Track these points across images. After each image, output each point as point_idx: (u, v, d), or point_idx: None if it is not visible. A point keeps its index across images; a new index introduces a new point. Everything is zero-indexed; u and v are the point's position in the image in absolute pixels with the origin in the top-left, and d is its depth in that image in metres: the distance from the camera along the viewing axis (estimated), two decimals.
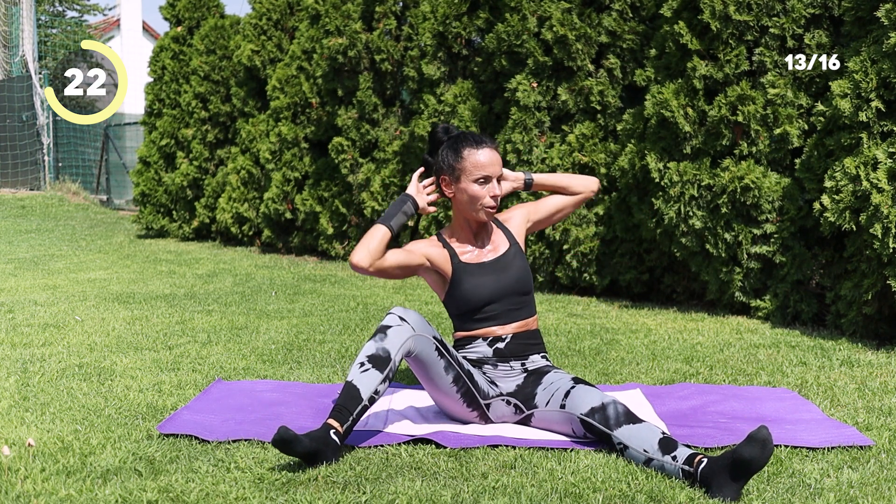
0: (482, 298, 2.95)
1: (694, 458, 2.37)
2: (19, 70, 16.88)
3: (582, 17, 6.06)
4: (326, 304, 5.58)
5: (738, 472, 2.24)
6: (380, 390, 2.65)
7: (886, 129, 4.39)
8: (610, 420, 2.60)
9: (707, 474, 2.29)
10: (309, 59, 8.56)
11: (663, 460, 2.43)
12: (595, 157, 5.92)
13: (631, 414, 2.60)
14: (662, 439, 2.47)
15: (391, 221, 2.89)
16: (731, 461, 2.25)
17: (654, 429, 2.52)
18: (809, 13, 5.00)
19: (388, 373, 2.67)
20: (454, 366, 2.82)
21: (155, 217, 10.80)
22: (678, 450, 2.42)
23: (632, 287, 5.89)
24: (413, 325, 2.74)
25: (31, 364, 3.75)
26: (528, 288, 3.02)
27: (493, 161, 2.93)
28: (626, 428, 2.56)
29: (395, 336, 2.70)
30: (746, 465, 2.23)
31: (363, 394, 2.61)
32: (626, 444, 2.53)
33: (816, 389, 3.41)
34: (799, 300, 4.92)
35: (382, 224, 2.88)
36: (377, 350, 2.68)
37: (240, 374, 3.68)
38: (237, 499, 2.24)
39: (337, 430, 2.54)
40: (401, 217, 2.92)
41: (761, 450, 2.23)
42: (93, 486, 2.30)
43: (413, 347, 2.74)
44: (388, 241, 2.86)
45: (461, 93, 6.77)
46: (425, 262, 2.96)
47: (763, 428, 2.25)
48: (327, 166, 8.35)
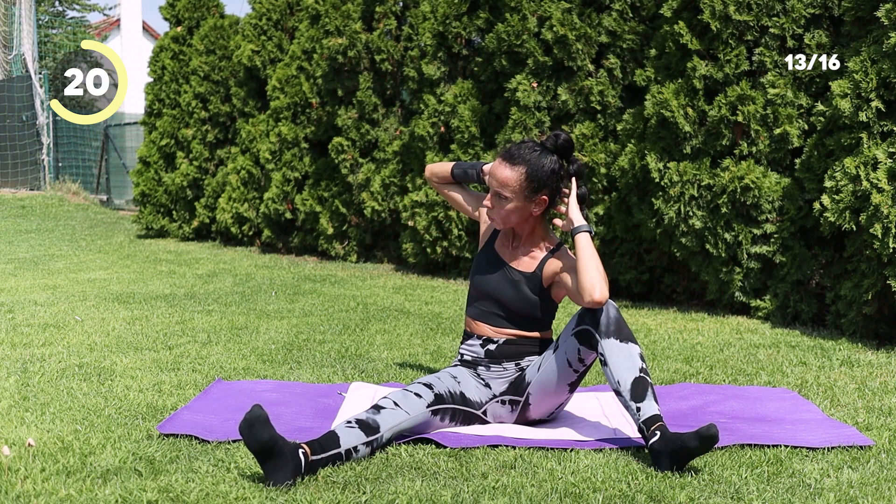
0: (479, 285, 3.00)
1: (653, 424, 2.56)
2: (19, 70, 16.88)
3: (582, 17, 6.06)
4: (326, 304, 5.58)
5: (680, 460, 2.47)
6: (360, 451, 2.53)
7: (886, 129, 4.39)
8: (601, 325, 2.70)
9: (656, 449, 2.50)
10: (309, 59, 8.56)
11: (629, 403, 2.63)
12: (595, 157, 5.92)
13: (621, 326, 2.70)
14: (637, 378, 2.63)
15: (457, 168, 3.19)
16: (676, 448, 2.46)
17: (636, 359, 2.66)
18: (809, 13, 5.00)
19: (374, 442, 2.57)
20: (449, 410, 2.84)
21: (155, 217, 10.80)
22: (645, 402, 2.60)
23: (632, 287, 5.89)
24: (407, 410, 2.70)
25: (31, 364, 3.75)
26: (521, 312, 2.93)
27: (494, 174, 2.89)
28: (613, 342, 2.68)
29: (389, 417, 2.64)
30: (687, 454, 2.46)
31: (343, 443, 2.50)
32: (606, 360, 2.69)
33: (816, 389, 3.41)
34: (799, 300, 4.92)
35: (452, 164, 3.21)
36: (368, 419, 2.59)
37: (240, 374, 3.68)
38: (237, 499, 2.24)
39: (306, 452, 2.40)
40: (462, 172, 3.18)
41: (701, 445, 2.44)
42: (93, 486, 2.30)
43: (407, 427, 2.70)
44: (446, 175, 3.21)
45: (461, 93, 6.77)
46: (476, 214, 3.18)
47: (713, 426, 2.43)
48: (327, 166, 8.35)
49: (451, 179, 3.22)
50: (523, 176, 2.85)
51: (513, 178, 2.85)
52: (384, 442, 2.61)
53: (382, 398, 2.72)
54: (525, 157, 2.86)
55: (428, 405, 2.76)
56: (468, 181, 3.20)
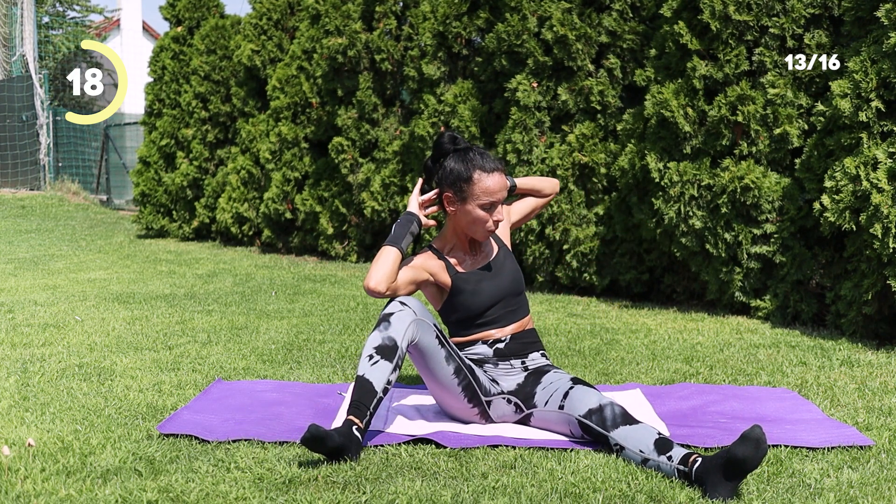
0: (482, 304, 2.97)
1: (689, 458, 2.38)
2: (19, 70, 16.88)
3: (582, 17, 6.06)
4: (326, 304, 5.58)
5: (732, 471, 2.26)
6: (391, 380, 2.69)
7: (886, 129, 4.39)
8: (607, 421, 2.62)
9: (702, 473, 2.31)
10: (309, 59, 8.56)
11: (659, 460, 2.45)
12: (595, 157, 5.92)
13: (628, 415, 2.62)
14: (658, 440, 2.49)
15: (401, 243, 2.86)
16: (725, 460, 2.26)
17: (651, 429, 2.54)
18: (809, 13, 5.00)
19: (398, 360, 2.70)
20: (455, 357, 2.84)
21: (155, 217, 10.80)
22: (674, 450, 2.44)
23: (632, 287, 5.89)
24: (415, 309, 2.77)
25: (31, 364, 3.75)
26: (522, 287, 3.07)
27: (501, 187, 2.91)
28: (623, 429, 2.58)
29: (398, 322, 2.73)
30: (740, 464, 2.24)
31: (377, 386, 2.65)
32: (623, 444, 2.55)
33: (816, 389, 3.41)
34: (799, 300, 4.92)
35: (393, 246, 2.85)
36: (383, 340, 2.70)
37: (240, 374, 3.68)
38: (237, 499, 2.24)
39: (358, 425, 2.58)
40: (408, 238, 2.90)
41: (755, 449, 2.24)
42: (93, 486, 2.30)
43: (416, 332, 2.75)
44: (397, 257, 2.84)
45: (461, 93, 6.77)
46: (428, 276, 2.95)
47: (757, 427, 2.27)
48: (327, 166, 8.36)
49: (401, 258, 2.87)
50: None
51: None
52: (403, 355, 2.72)
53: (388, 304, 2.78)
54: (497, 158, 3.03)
55: (434, 325, 2.81)
56: (414, 239, 3.15)
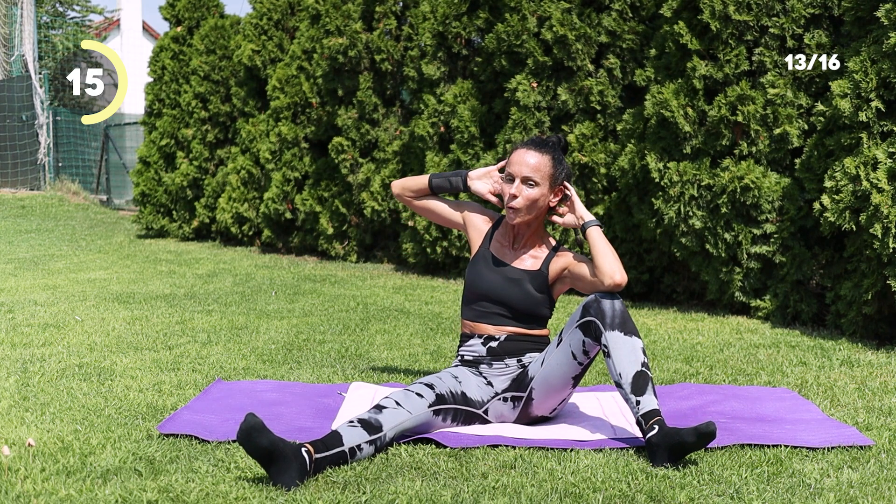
0: (473, 287, 3.01)
1: (651, 418, 2.59)
2: (19, 70, 16.87)
3: (582, 17, 6.06)
4: (326, 304, 5.58)
5: (676, 455, 2.50)
6: (364, 449, 2.51)
7: (886, 129, 4.39)
8: (606, 317, 2.72)
9: (654, 444, 2.53)
10: (309, 59, 8.56)
11: (629, 396, 2.65)
12: (595, 157, 5.92)
13: (626, 319, 2.72)
14: (638, 372, 2.65)
15: (436, 178, 3.12)
16: (675, 442, 2.49)
17: (638, 353, 2.69)
18: (809, 13, 5.00)
19: (377, 441, 2.55)
20: (451, 411, 2.84)
21: (155, 217, 10.80)
22: (645, 396, 2.63)
23: (632, 287, 5.89)
24: (410, 410, 2.70)
25: (31, 364, 3.75)
26: (526, 311, 2.96)
27: (523, 161, 2.91)
28: (618, 335, 2.70)
29: (391, 416, 2.63)
30: (686, 450, 2.49)
31: (345, 441, 2.48)
32: (610, 352, 2.70)
33: (816, 389, 3.41)
34: (799, 300, 4.92)
35: (429, 175, 3.15)
36: (369, 418, 2.58)
37: (240, 374, 3.68)
38: (237, 499, 2.24)
39: (309, 450, 2.38)
40: (444, 182, 3.12)
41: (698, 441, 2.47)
42: (93, 486, 2.30)
43: (409, 427, 2.70)
44: (423, 187, 3.14)
45: (461, 93, 6.77)
46: (460, 220, 3.14)
47: (711, 423, 2.47)
48: (327, 166, 8.36)
49: (428, 192, 3.15)
50: (552, 161, 2.94)
51: (544, 161, 2.92)
52: (387, 441, 2.61)
53: (384, 398, 2.72)
54: (550, 147, 2.96)
55: (430, 405, 2.76)
56: (450, 191, 3.13)
